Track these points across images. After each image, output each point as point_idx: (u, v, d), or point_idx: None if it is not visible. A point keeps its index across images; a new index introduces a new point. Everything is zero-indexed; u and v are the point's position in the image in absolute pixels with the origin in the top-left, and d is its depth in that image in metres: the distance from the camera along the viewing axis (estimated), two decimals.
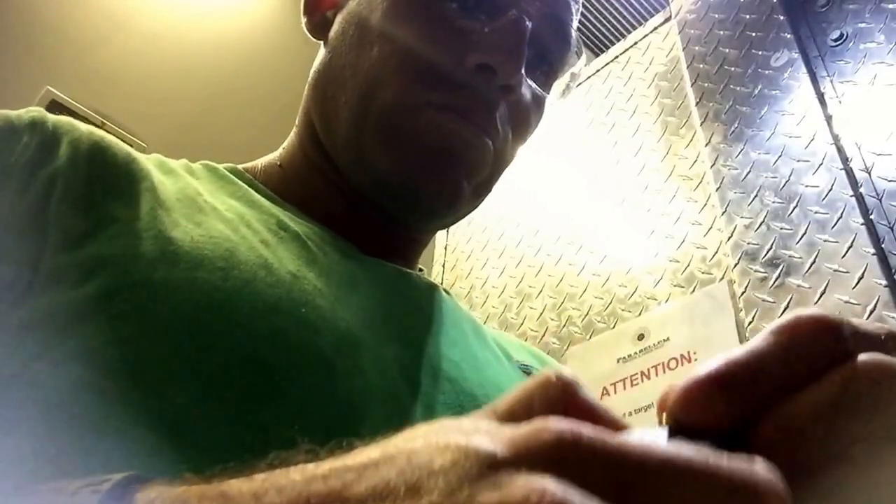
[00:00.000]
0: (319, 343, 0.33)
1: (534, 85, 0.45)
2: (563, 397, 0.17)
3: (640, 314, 1.04)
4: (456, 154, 0.41)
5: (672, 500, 0.14)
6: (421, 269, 0.50)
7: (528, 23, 0.40)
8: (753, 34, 1.11)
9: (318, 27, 0.46)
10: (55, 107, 1.46)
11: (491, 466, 0.14)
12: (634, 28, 1.58)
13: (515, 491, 0.13)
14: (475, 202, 0.46)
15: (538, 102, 0.46)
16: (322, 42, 0.47)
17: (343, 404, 0.32)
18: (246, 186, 0.43)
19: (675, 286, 1.02)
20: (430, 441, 0.16)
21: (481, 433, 0.16)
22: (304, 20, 0.47)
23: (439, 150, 0.40)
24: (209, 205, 0.38)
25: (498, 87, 0.40)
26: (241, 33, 1.86)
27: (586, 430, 0.15)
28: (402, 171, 0.41)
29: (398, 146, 0.40)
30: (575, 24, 0.47)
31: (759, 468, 0.15)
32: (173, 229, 0.34)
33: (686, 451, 0.15)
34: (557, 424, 0.15)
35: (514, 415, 0.17)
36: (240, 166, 0.46)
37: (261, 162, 0.48)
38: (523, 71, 0.41)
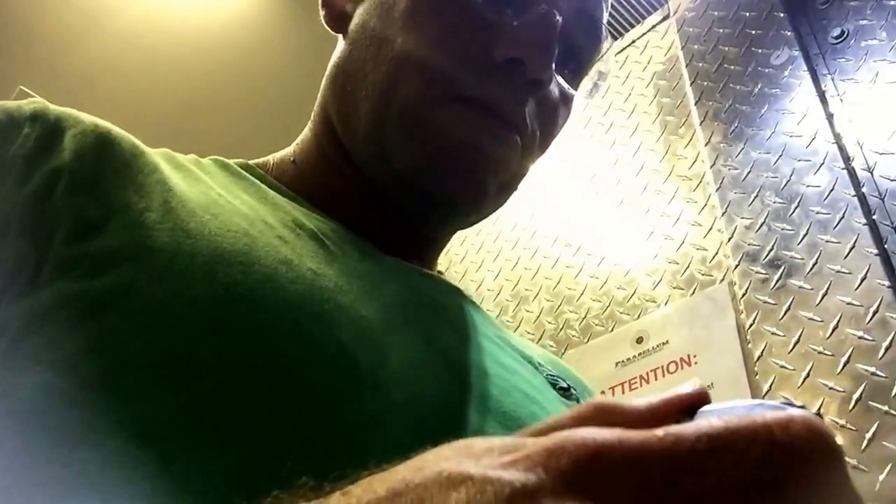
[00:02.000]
0: (342, 339, 0.32)
1: (563, 82, 0.44)
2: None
3: (638, 317, 1.03)
4: (482, 150, 0.39)
5: (713, 477, 0.14)
6: (441, 272, 0.48)
7: (558, 17, 0.39)
8: (753, 32, 1.09)
9: (337, 20, 0.45)
10: None
11: (510, 499, 0.14)
12: (633, 26, 1.57)
13: None
14: (500, 201, 0.44)
15: (566, 100, 0.45)
16: (341, 35, 0.45)
17: (367, 401, 0.31)
18: (258, 182, 0.42)
19: (674, 288, 1.00)
20: (441, 473, 0.15)
21: (495, 459, 0.15)
22: (322, 12, 0.46)
23: (465, 145, 0.39)
24: (223, 198, 0.37)
25: (527, 82, 0.39)
26: (222, 33, 1.84)
27: (604, 435, 0.14)
28: (425, 167, 0.39)
29: (421, 140, 0.39)
30: (605, 19, 0.46)
31: (796, 414, 0.15)
32: (189, 221, 0.33)
33: (710, 423, 0.15)
34: (574, 439, 0.15)
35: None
36: (251, 162, 0.45)
37: (272, 158, 0.47)
38: (553, 66, 0.40)
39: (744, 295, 0.89)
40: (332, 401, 0.30)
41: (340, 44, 0.45)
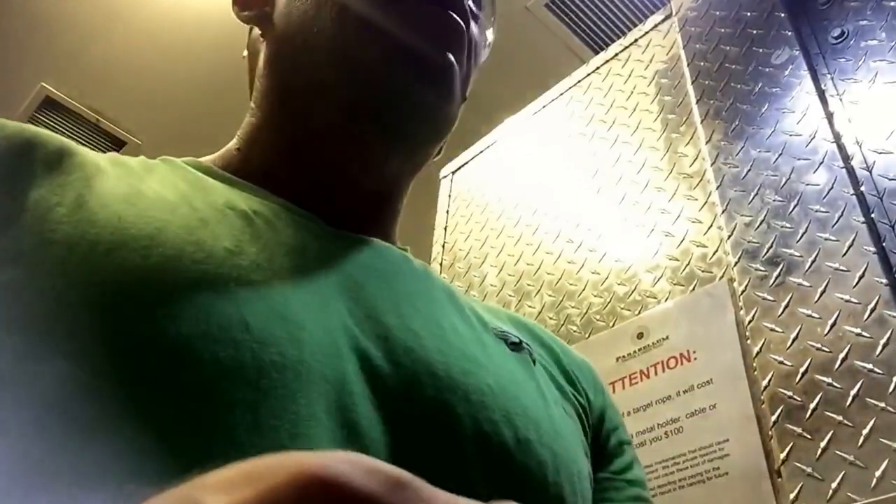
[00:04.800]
0: (247, 317, 0.32)
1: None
2: None
3: (639, 312, 1.04)
4: (440, 33, 0.45)
5: None
6: (405, 249, 0.49)
7: None
8: (754, 32, 1.10)
9: (260, 19, 0.51)
10: (50, 103, 1.45)
11: None
12: (634, 25, 1.58)
13: None
14: (455, 104, 0.48)
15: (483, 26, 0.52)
16: (267, 31, 0.50)
17: (270, 377, 0.30)
18: (199, 173, 0.43)
19: (674, 284, 1.02)
20: None
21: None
22: (243, 15, 0.51)
23: (426, 30, 0.44)
24: (153, 190, 0.38)
25: None
26: (240, 30, 1.84)
27: None
28: (394, 55, 0.43)
29: (387, 31, 0.43)
30: None
31: None
32: (100, 212, 0.34)
33: None
34: None
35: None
36: (198, 159, 0.47)
37: (217, 154, 0.49)
38: None
39: (743, 291, 0.90)
40: (231, 378, 0.30)
41: (267, 37, 0.50)
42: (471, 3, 0.47)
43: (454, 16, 0.45)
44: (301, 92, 0.46)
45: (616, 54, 1.34)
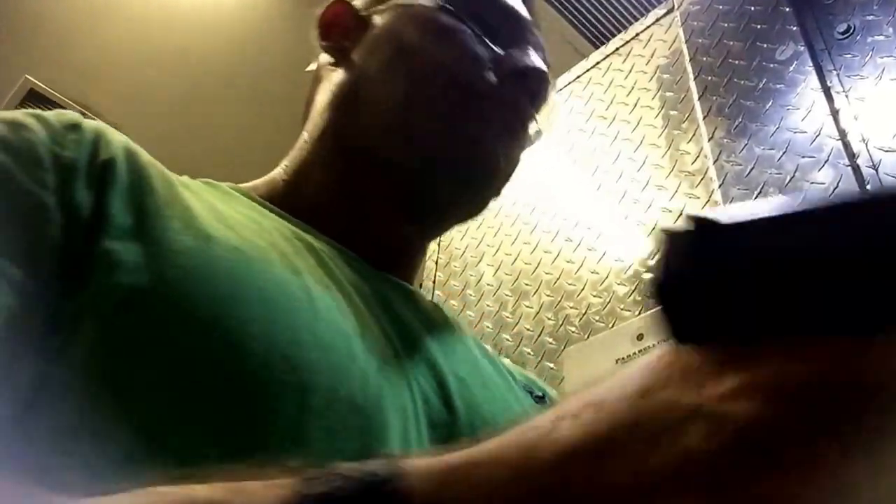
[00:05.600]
0: (354, 349, 0.35)
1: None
2: None
3: (639, 313, 1.02)
4: (500, 134, 0.47)
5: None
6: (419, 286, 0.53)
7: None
8: (758, 26, 1.08)
9: (336, 54, 0.51)
10: (34, 96, 1.42)
11: (744, 435, 0.15)
12: (636, 19, 1.56)
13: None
14: (499, 187, 0.50)
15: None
16: (340, 66, 0.51)
17: (365, 415, 0.33)
18: (248, 200, 0.45)
19: None
20: (669, 403, 0.16)
21: (716, 387, 0.16)
22: (322, 44, 0.52)
23: (485, 128, 0.46)
24: (226, 213, 0.39)
25: (527, 94, 0.48)
26: (229, 24, 1.81)
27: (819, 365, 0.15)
28: (450, 139, 0.45)
29: (449, 119, 0.45)
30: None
31: None
32: (210, 229, 0.36)
33: None
34: (794, 368, 0.15)
35: None
36: (239, 185, 0.48)
37: (259, 181, 0.50)
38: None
39: None
40: (340, 409, 0.31)
41: (338, 73, 0.50)
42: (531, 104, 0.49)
43: (517, 125, 0.47)
44: (356, 148, 0.48)
45: (617, 49, 1.31)
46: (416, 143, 0.45)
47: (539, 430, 0.17)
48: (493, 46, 0.48)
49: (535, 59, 0.48)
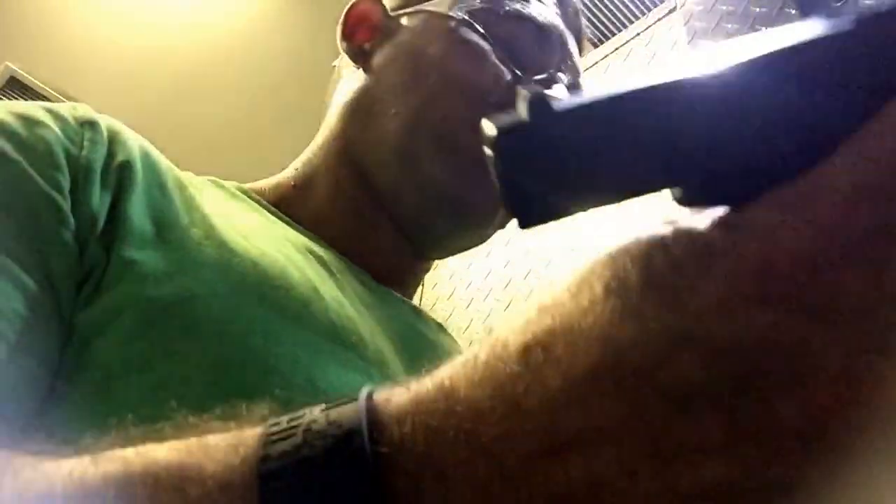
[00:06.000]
0: (370, 371, 0.35)
1: None
2: None
3: None
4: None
5: None
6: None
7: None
8: (763, 28, 1.04)
9: (357, 55, 0.49)
10: (14, 84, 1.39)
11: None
12: (637, 18, 1.52)
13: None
14: (505, 224, 0.49)
15: None
16: (361, 68, 0.49)
17: None
18: (255, 205, 0.44)
19: None
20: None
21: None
22: (343, 45, 0.50)
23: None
24: (239, 219, 0.39)
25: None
26: (215, 12, 1.78)
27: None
28: (454, 176, 0.43)
29: (455, 153, 0.43)
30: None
31: None
32: (230, 241, 0.35)
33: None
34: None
35: None
36: (245, 186, 0.47)
37: (267, 183, 0.49)
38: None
39: None
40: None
41: (360, 75, 0.49)
42: None
43: None
44: (363, 163, 0.47)
45: (617, 48, 1.29)
46: (419, 176, 0.44)
47: (511, 372, 0.15)
48: (516, 71, 0.45)
49: (558, 91, 0.46)
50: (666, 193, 0.18)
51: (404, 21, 0.48)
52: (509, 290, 1.19)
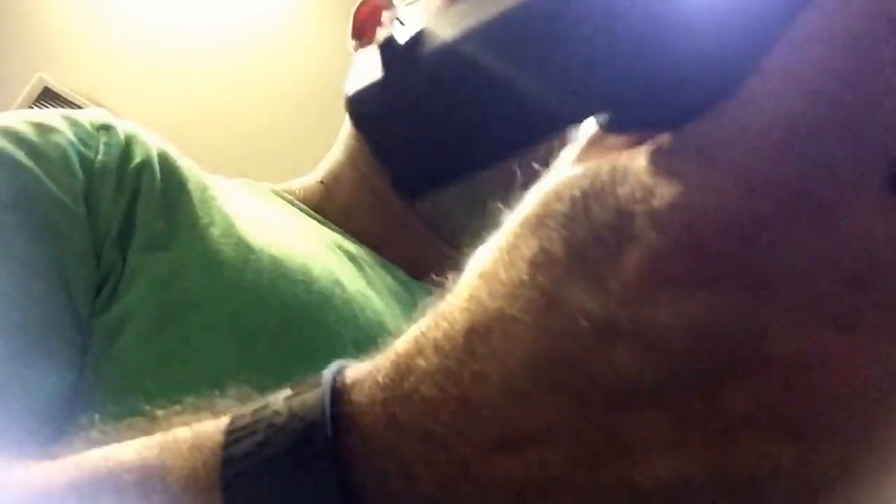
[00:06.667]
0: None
1: None
2: None
3: None
4: None
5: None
6: None
7: None
8: None
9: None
10: (48, 94, 1.44)
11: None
12: None
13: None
14: None
15: None
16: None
17: None
18: (287, 204, 0.45)
19: None
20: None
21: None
22: (352, 44, 0.50)
23: None
24: (267, 218, 0.39)
25: None
26: (248, 23, 1.82)
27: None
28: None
29: None
30: None
31: None
32: (249, 237, 0.35)
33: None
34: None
35: None
36: (277, 186, 0.48)
37: (296, 183, 0.49)
38: None
39: None
40: None
41: None
42: None
43: None
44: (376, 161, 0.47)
45: None
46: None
47: (458, 360, 0.14)
48: None
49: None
50: None
51: None
52: None
